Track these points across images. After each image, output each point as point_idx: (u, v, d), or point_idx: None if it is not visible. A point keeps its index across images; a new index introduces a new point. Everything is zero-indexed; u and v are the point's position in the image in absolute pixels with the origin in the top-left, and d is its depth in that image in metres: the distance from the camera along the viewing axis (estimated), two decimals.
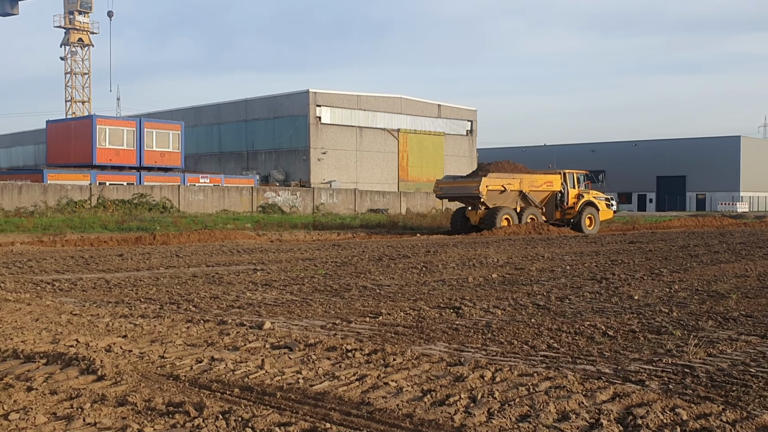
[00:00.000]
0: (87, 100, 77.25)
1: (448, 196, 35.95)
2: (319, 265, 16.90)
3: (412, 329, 8.68)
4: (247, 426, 4.90)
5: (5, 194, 37.49)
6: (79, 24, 76.21)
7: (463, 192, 34.54)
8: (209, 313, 10.01)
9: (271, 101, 64.75)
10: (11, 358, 6.89)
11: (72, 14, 76.09)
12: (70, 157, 51.71)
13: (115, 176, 48.69)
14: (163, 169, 52.82)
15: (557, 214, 36.29)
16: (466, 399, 5.49)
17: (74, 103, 76.65)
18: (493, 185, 33.25)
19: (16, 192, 37.68)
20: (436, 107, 70.20)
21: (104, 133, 50.09)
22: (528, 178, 35.21)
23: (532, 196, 35.09)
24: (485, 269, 15.72)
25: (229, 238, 27.51)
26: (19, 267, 16.54)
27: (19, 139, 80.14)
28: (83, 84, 77.33)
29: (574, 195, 36.46)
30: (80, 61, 77.35)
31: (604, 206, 37.88)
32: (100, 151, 49.67)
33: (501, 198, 33.84)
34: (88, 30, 77.18)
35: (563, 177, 36.47)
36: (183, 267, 16.77)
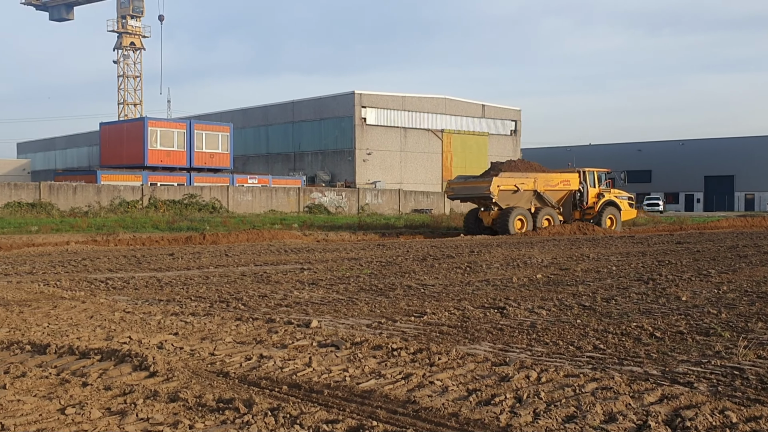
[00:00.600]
0: (139, 102, 78.63)
1: (460, 197, 34.81)
2: (365, 265, 16.95)
3: (456, 329, 8.65)
4: (295, 423, 4.93)
5: (61, 195, 38.34)
6: (131, 28, 77.58)
7: (475, 192, 33.27)
8: (258, 311, 10.11)
9: (317, 103, 65.18)
10: (67, 354, 7.03)
11: (124, 19, 77.50)
12: (123, 159, 52.70)
13: (165, 177, 49.47)
14: (213, 170, 53.51)
15: (576, 215, 34.95)
16: (511, 399, 5.46)
17: (126, 106, 78.06)
18: (505, 185, 32.03)
19: (71, 193, 38.52)
20: (480, 107, 69.90)
21: (155, 134, 50.95)
22: (543, 177, 33.72)
23: (548, 196, 33.65)
24: (529, 269, 15.60)
25: (276, 237, 27.77)
26: (74, 266, 16.90)
27: (74, 141, 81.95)
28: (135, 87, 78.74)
29: (594, 194, 35.14)
30: (132, 65, 78.75)
31: (626, 206, 36.50)
32: (152, 152, 50.54)
33: (514, 198, 32.59)
34: (140, 34, 78.52)
35: (582, 176, 35.12)
36: (232, 266, 16.97)
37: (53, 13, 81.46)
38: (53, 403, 5.41)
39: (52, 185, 39.19)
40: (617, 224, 35.09)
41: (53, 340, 7.51)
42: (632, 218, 37.60)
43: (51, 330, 8.32)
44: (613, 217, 35.08)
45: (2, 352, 7.23)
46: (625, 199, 36.81)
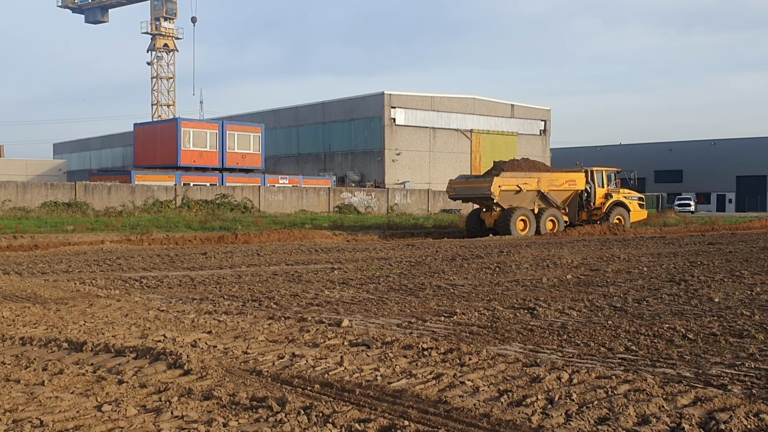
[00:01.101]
0: (172, 103, 79.34)
1: (461, 197, 33.71)
2: (394, 265, 16.95)
3: (486, 329, 8.62)
4: (327, 422, 4.95)
5: (96, 195, 38.84)
6: (165, 30, 78.26)
7: (476, 193, 32.14)
8: (289, 310, 10.15)
9: (347, 103, 65.33)
10: (103, 351, 7.12)
11: (158, 20, 78.20)
12: (156, 159, 53.25)
13: (198, 177, 49.89)
14: (244, 170, 53.86)
15: (583, 215, 33.85)
16: (543, 400, 5.42)
17: (160, 107, 78.79)
18: (506, 185, 30.95)
19: (105, 192, 39.01)
20: (509, 107, 69.57)
21: (188, 135, 51.42)
22: (547, 177, 32.57)
23: (553, 196, 32.45)
24: (559, 270, 15.48)
25: (307, 237, 27.87)
26: (108, 264, 17.10)
27: (109, 142, 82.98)
28: (168, 88, 79.44)
29: (601, 194, 33.94)
30: (165, 66, 79.45)
31: (636, 206, 35.23)
32: (185, 153, 51.01)
33: (517, 198, 31.48)
34: (173, 36, 79.20)
35: (589, 175, 33.88)
36: (264, 265, 17.07)
37: (89, 16, 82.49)
38: (90, 400, 5.48)
39: (87, 185, 39.71)
40: (626, 225, 33.75)
41: (89, 338, 7.61)
42: (642, 219, 36.35)
43: (87, 328, 8.42)
44: (622, 218, 33.93)
45: (40, 349, 7.34)
46: (635, 200, 35.63)
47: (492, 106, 68.08)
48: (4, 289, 12.23)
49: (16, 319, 9.06)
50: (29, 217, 33.67)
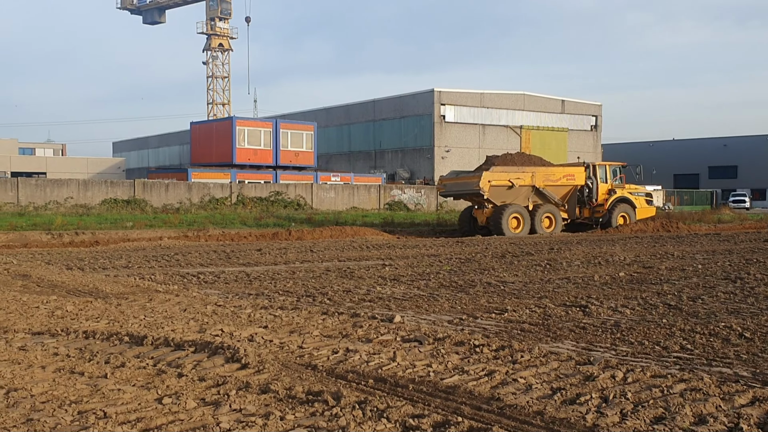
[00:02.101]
0: (227, 102, 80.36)
1: (452, 194, 31.60)
2: (444, 262, 16.89)
3: (538, 327, 8.54)
4: (382, 417, 4.96)
5: (154, 192, 39.57)
6: (220, 30, 79.25)
7: (466, 189, 30.01)
8: (342, 305, 10.21)
9: (397, 101, 65.32)
10: (163, 345, 7.25)
11: (213, 21, 79.24)
12: (212, 157, 54.00)
13: (252, 175, 50.46)
14: (297, 168, 54.29)
15: (586, 212, 31.83)
16: (597, 399, 5.35)
17: (215, 106, 79.88)
18: (497, 180, 28.95)
19: (163, 190, 39.71)
20: (559, 103, 68.71)
21: (243, 133, 52.03)
22: (542, 172, 30.28)
23: (550, 192, 30.29)
24: (611, 267, 15.23)
25: (358, 234, 27.96)
26: (167, 260, 17.40)
27: (166, 140, 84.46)
28: (223, 87, 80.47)
29: (604, 190, 31.86)
30: (220, 66, 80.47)
31: (642, 203, 32.95)
32: (240, 151, 51.64)
33: (510, 194, 29.46)
34: (228, 35, 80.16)
35: (591, 170, 31.88)
36: (317, 261, 17.18)
37: (146, 17, 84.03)
38: (151, 393, 5.58)
39: (145, 183, 40.49)
40: (631, 223, 31.73)
41: (149, 332, 7.76)
42: (650, 217, 33.53)
43: (147, 322, 8.59)
44: (626, 215, 31.89)
45: (103, 342, 7.51)
46: (642, 196, 33.38)
47: (542, 102, 67.34)
48: (67, 284, 12.55)
49: (80, 313, 9.29)
50: (90, 214, 34.50)
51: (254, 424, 4.80)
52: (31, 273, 14.12)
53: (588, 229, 31.59)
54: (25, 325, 8.50)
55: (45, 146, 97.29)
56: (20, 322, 8.67)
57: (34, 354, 6.94)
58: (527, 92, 66.80)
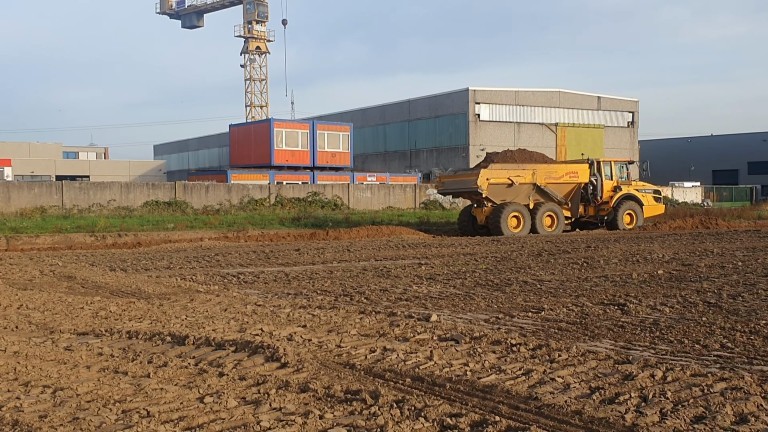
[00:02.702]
0: (265, 104, 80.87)
1: (450, 192, 30.70)
2: (480, 260, 16.81)
3: (575, 325, 8.45)
4: (420, 415, 4.95)
5: (194, 194, 39.99)
6: (257, 33, 79.73)
7: (464, 187, 28.83)
8: (379, 305, 10.21)
9: (432, 101, 65.19)
10: (204, 345, 7.32)
11: (250, 24, 79.75)
12: (251, 159, 54.44)
13: (290, 176, 50.76)
14: (334, 168, 54.48)
15: (591, 211, 30.43)
16: (636, 398, 5.27)
17: (253, 108, 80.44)
18: (495, 178, 27.84)
19: (203, 192, 40.12)
20: (595, 99, 67.91)
21: (281, 135, 52.37)
22: (544, 169, 29.11)
23: (552, 190, 29.10)
24: (650, 265, 15.02)
25: (394, 233, 27.96)
26: (207, 261, 17.58)
27: (205, 143, 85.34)
28: (261, 89, 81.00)
29: (609, 187, 30.39)
30: (258, 68, 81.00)
31: (650, 200, 31.53)
32: (277, 152, 51.99)
33: (510, 192, 28.35)
34: (265, 38, 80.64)
35: (595, 166, 30.39)
36: (354, 261, 17.22)
37: (185, 21, 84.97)
38: (193, 392, 5.64)
39: (186, 185, 40.94)
40: (638, 221, 30.54)
41: (191, 332, 7.84)
42: (658, 214, 32.50)
43: (188, 322, 8.69)
44: (633, 212, 30.47)
45: (145, 342, 7.61)
46: (650, 193, 31.92)
47: (578, 98, 66.64)
48: (111, 285, 12.75)
49: (123, 314, 9.43)
50: (132, 216, 35.00)
51: (294, 423, 4.82)
52: (76, 274, 14.37)
53: (593, 228, 30.48)
54: (71, 325, 8.66)
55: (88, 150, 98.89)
56: (66, 323, 8.83)
57: (80, 354, 7.06)
58: (562, 89, 66.15)
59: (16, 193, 35.67)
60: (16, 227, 28.86)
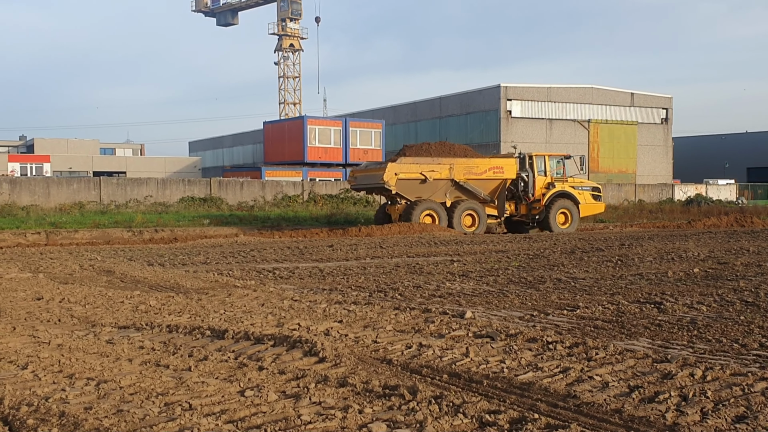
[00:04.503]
0: (298, 102, 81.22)
1: (362, 188, 28.53)
2: (513, 257, 16.73)
3: (611, 323, 8.37)
4: (458, 412, 4.94)
5: (229, 190, 40.34)
6: (290, 30, 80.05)
7: (372, 182, 26.64)
8: (413, 301, 10.21)
9: (463, 97, 64.94)
10: (243, 339, 7.38)
11: (284, 21, 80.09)
12: (285, 156, 54.75)
13: (323, 173, 50.98)
14: None
15: (523, 209, 28.49)
16: (676, 397, 5.21)
17: (287, 105, 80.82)
18: (405, 173, 25.67)
19: (238, 188, 40.45)
20: (628, 96, 67.10)
21: (314, 132, 52.60)
22: (463, 164, 26.63)
23: (474, 187, 26.89)
24: (685, 263, 14.82)
25: (426, 230, 27.84)
26: (243, 256, 17.71)
27: (240, 140, 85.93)
28: (294, 87, 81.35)
29: (542, 184, 28.34)
30: (291, 66, 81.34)
31: (588, 198, 29.28)
32: (311, 149, 52.22)
33: (426, 189, 26.24)
34: (298, 36, 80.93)
35: (526, 161, 28.34)
36: (386, 257, 17.23)
37: (220, 19, 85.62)
38: (233, 386, 5.68)
39: (221, 181, 41.32)
40: (573, 220, 28.44)
41: (230, 326, 7.91)
42: (597, 213, 30.74)
43: (227, 316, 8.77)
44: (568, 211, 28.33)
45: (185, 336, 7.70)
46: (587, 190, 29.57)
47: (611, 95, 65.89)
48: (149, 280, 12.91)
49: (162, 308, 9.55)
50: (169, 212, 35.41)
51: (334, 417, 4.84)
52: (115, 269, 14.58)
53: (527, 228, 28.81)
54: (112, 319, 8.79)
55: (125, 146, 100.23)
56: (107, 317, 8.97)
57: (121, 347, 7.16)
58: (595, 85, 65.47)
59: (55, 188, 36.29)
60: (55, 222, 29.35)
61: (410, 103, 71.72)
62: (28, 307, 9.81)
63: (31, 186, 36.11)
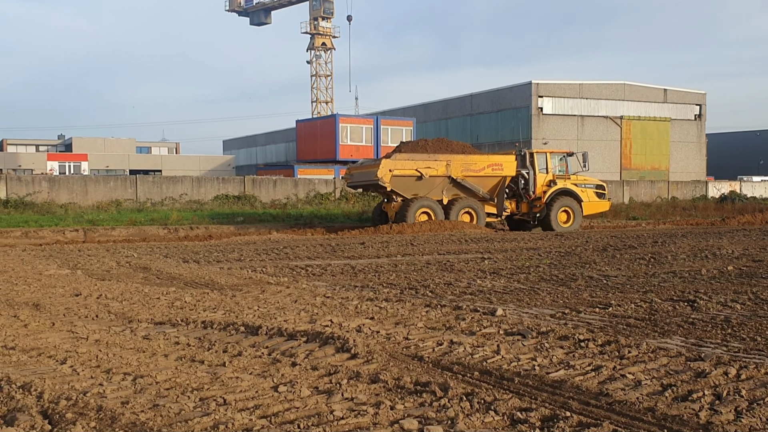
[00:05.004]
0: (330, 100, 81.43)
1: (357, 185, 27.64)
2: (543, 255, 16.61)
3: (644, 322, 8.27)
4: (490, 409, 4.93)
5: (262, 188, 40.59)
6: (323, 29, 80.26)
7: (367, 179, 25.86)
8: (444, 298, 10.19)
9: (494, 95, 64.59)
10: (276, 335, 7.43)
11: (316, 20, 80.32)
12: (317, 154, 54.96)
13: None
14: None
15: (524, 207, 27.84)
16: (710, 396, 5.14)
17: (319, 104, 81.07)
18: (400, 169, 25.07)
19: (271, 186, 40.68)
20: (661, 92, 66.18)
21: (346, 130, 52.73)
22: (460, 160, 25.98)
23: (472, 184, 26.29)
24: (719, 261, 14.60)
25: (456, 228, 27.78)
26: (276, 253, 17.82)
27: (273, 138, 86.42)
28: (326, 85, 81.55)
29: (544, 182, 27.63)
30: (323, 64, 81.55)
31: (591, 196, 28.39)
32: (342, 147, 52.35)
33: (423, 186, 25.61)
34: (330, 34, 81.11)
35: (527, 158, 27.68)
36: (417, 255, 17.22)
37: (253, 18, 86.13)
38: (267, 381, 5.72)
39: (255, 179, 41.57)
40: (575, 219, 27.62)
41: (263, 322, 7.97)
42: (602, 211, 29.74)
43: (261, 313, 8.83)
44: (570, 209, 27.52)
45: (220, 332, 7.77)
46: (591, 188, 28.67)
47: (643, 91, 65.03)
48: (184, 277, 13.06)
49: (197, 304, 9.65)
50: (203, 209, 35.74)
51: (366, 413, 4.86)
52: (151, 266, 14.77)
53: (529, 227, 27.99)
54: (148, 315, 8.90)
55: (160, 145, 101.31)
56: (143, 313, 9.08)
57: (157, 343, 7.25)
58: (628, 81, 64.67)
59: (92, 186, 36.83)
60: (93, 219, 29.81)
61: (441, 101, 71.51)
62: (66, 303, 9.98)
63: (69, 184, 36.69)
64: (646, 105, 65.09)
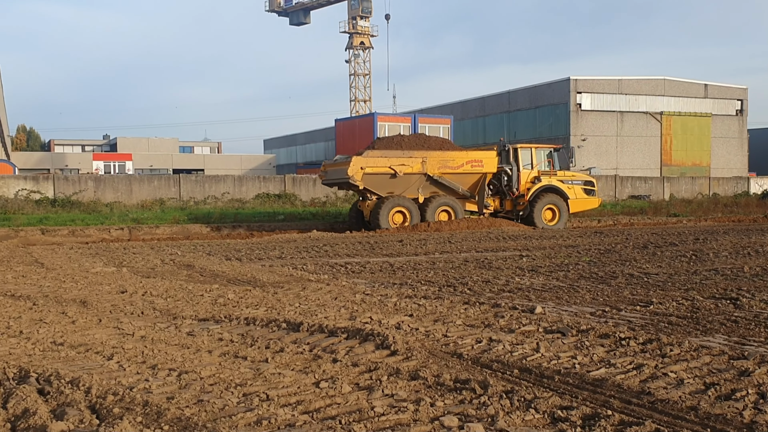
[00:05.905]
0: (368, 99, 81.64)
1: (331, 183, 26.30)
2: (583, 252, 16.43)
3: (686, 320, 8.13)
4: (530, 407, 4.89)
5: (302, 186, 40.83)
6: (361, 28, 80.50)
7: (339, 177, 24.66)
8: (483, 296, 10.14)
9: (531, 91, 64.05)
10: (317, 332, 7.48)
11: (355, 19, 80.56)
12: (356, 152, 55.10)
13: None
14: None
15: (508, 205, 26.80)
16: (754, 395, 5.04)
17: (357, 102, 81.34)
18: (372, 167, 24.09)
19: (311, 185, 40.89)
20: (702, 87, 64.94)
21: (384, 129, 52.79)
22: (436, 157, 24.82)
23: (450, 181, 25.30)
24: (762, 258, 14.28)
25: (494, 225, 27.62)
26: (316, 251, 17.92)
27: (312, 137, 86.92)
28: (365, 84, 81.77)
29: (528, 178, 26.53)
30: (362, 63, 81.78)
31: (579, 192, 27.16)
32: None
33: (398, 184, 24.68)
34: (369, 33, 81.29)
35: (510, 154, 26.44)
36: (455, 252, 17.16)
37: (293, 18, 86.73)
38: (309, 377, 5.76)
39: (295, 178, 41.85)
40: (560, 217, 26.59)
41: (305, 319, 8.02)
42: (590, 209, 28.55)
43: (302, 309, 8.89)
44: (555, 207, 26.51)
45: (262, 329, 7.84)
46: (578, 184, 27.40)
47: (683, 86, 63.89)
48: (227, 274, 13.19)
49: (240, 301, 9.74)
50: (245, 208, 36.09)
51: (406, 410, 4.86)
52: (194, 263, 14.95)
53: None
54: (192, 311, 9.02)
55: (202, 144, 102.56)
56: (187, 309, 9.20)
57: (201, 339, 7.34)
58: (668, 77, 63.59)
59: (137, 185, 37.43)
60: (137, 218, 30.29)
61: (479, 98, 71.14)
62: (112, 300, 10.16)
63: (114, 183, 37.34)
64: (687, 100, 63.92)
